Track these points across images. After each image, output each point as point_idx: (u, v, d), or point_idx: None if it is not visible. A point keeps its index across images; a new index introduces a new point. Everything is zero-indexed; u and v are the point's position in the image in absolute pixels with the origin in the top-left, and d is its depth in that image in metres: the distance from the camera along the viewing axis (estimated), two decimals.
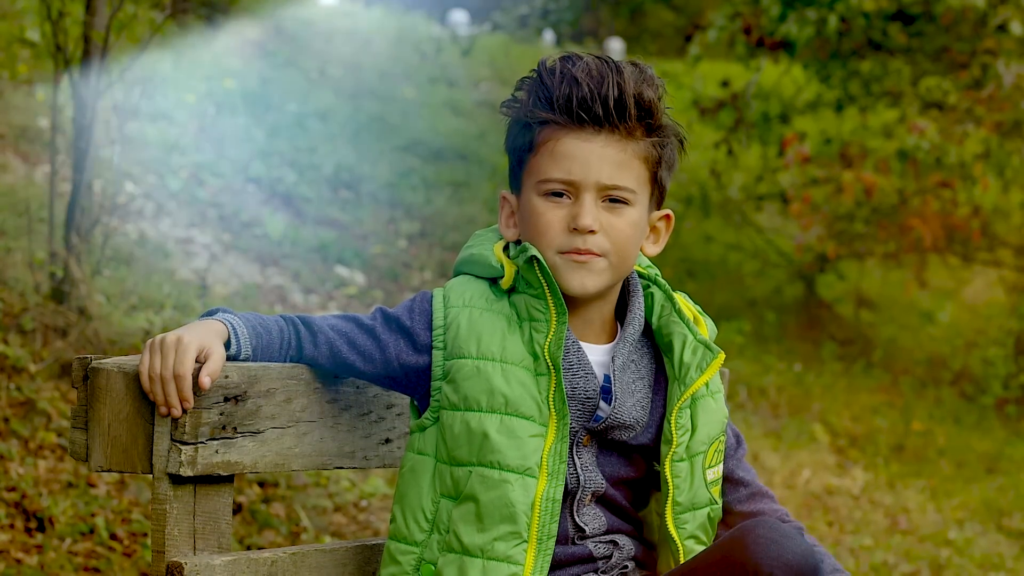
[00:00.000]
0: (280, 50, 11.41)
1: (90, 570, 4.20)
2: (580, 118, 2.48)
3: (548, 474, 2.45)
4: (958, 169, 9.35)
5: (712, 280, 10.56)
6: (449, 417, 2.47)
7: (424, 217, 9.10)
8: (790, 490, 6.81)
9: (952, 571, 6.13)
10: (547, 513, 2.45)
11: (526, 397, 2.45)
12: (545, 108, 2.50)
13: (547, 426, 2.46)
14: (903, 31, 9.65)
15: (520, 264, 2.50)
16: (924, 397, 9.24)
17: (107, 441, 2.36)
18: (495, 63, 13.81)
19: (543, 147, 2.51)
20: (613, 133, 2.49)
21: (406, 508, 2.51)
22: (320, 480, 5.22)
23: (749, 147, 10.03)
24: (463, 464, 2.46)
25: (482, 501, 2.43)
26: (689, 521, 2.56)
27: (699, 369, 2.54)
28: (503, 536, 2.44)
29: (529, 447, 2.44)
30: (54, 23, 5.30)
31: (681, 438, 2.53)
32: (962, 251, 10.25)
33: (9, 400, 4.73)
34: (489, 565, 2.43)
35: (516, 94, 2.57)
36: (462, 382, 2.46)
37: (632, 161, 2.51)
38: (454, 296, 2.52)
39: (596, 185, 2.49)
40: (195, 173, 7.97)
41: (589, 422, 2.51)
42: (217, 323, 2.41)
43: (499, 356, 2.46)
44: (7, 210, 6.24)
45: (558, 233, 2.49)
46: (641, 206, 2.53)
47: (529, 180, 2.53)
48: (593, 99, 2.47)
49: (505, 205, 2.59)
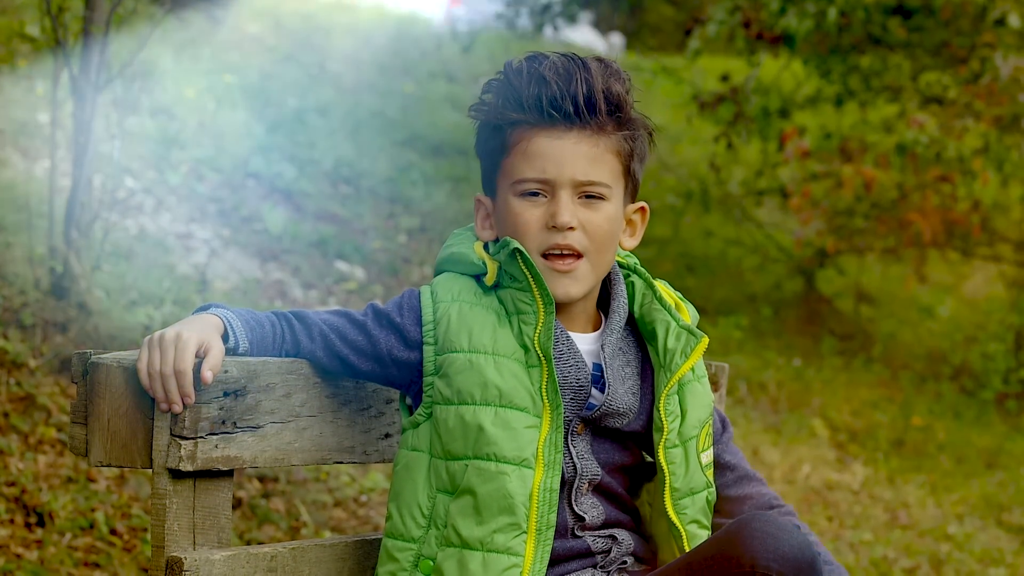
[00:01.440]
0: (280, 45, 11.40)
1: (90, 565, 4.20)
2: (551, 116, 2.50)
3: (544, 464, 2.46)
4: (957, 164, 9.35)
5: (712, 275, 10.55)
6: (443, 412, 2.47)
7: (424, 212, 9.10)
8: (790, 485, 6.82)
9: (952, 566, 6.13)
10: (545, 503, 2.46)
11: (519, 389, 2.46)
12: (515, 108, 2.52)
13: (541, 417, 2.46)
14: (903, 25, 9.65)
15: (503, 259, 2.51)
16: (924, 392, 9.24)
17: (107, 436, 2.36)
18: (495, 58, 13.80)
19: (515, 148, 2.52)
20: (584, 129, 2.51)
21: (402, 505, 2.51)
22: (320, 475, 5.22)
23: (749, 142, 10.02)
24: (459, 458, 2.46)
25: (480, 494, 2.44)
26: (689, 506, 2.57)
27: (684, 354, 2.55)
28: (502, 528, 2.44)
29: (525, 438, 2.45)
30: (54, 18, 5.29)
31: (672, 424, 2.55)
32: (962, 246, 10.25)
33: (9, 395, 4.73)
34: (489, 557, 2.44)
35: (484, 97, 2.58)
36: (455, 376, 2.46)
37: (605, 156, 2.52)
38: (442, 291, 2.53)
39: (571, 182, 2.50)
40: (195, 168, 7.97)
41: (582, 411, 2.52)
42: (213, 317, 2.42)
43: (491, 349, 2.47)
44: (7, 205, 6.24)
45: (537, 232, 2.51)
46: (617, 200, 2.55)
47: (504, 182, 2.54)
48: (563, 97, 2.49)
49: (480, 208, 2.61)
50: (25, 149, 7.16)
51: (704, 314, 9.54)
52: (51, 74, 5.50)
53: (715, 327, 9.21)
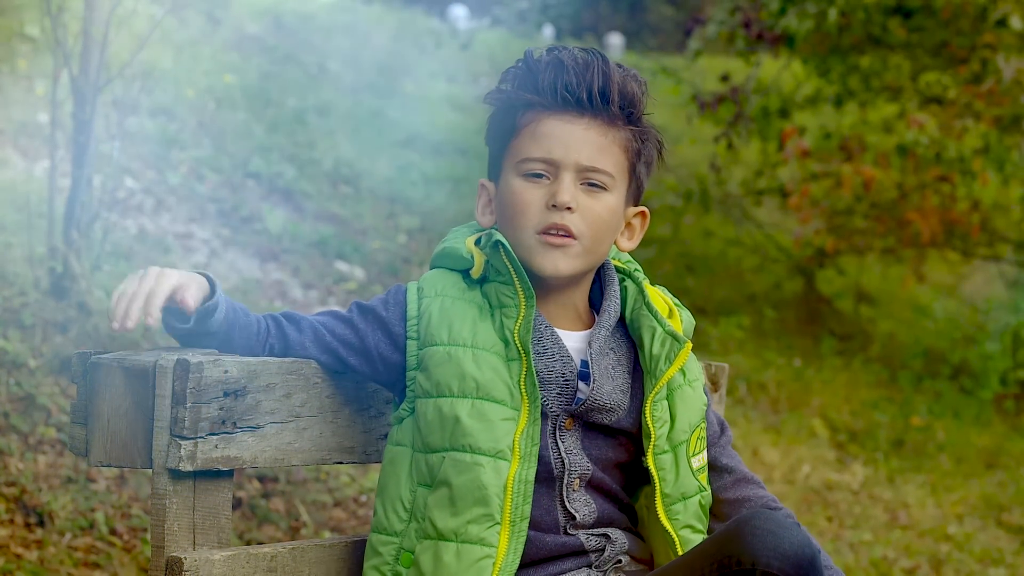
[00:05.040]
0: (280, 45, 11.40)
1: (90, 565, 4.20)
2: (565, 100, 2.51)
3: (520, 456, 2.46)
4: (957, 164, 9.35)
5: (712, 275, 10.55)
6: (423, 405, 2.49)
7: (424, 212, 9.10)
8: (790, 485, 6.82)
9: (952, 566, 6.13)
10: (519, 495, 2.46)
11: (497, 381, 2.46)
12: (530, 91, 2.53)
13: (519, 410, 2.46)
14: (903, 25, 9.65)
15: (487, 251, 2.51)
16: (923, 392, 9.24)
17: (107, 436, 2.36)
18: (495, 58, 13.80)
19: (525, 129, 2.54)
20: (596, 118, 2.52)
21: (386, 500, 2.52)
22: (320, 475, 5.23)
23: (749, 142, 10.02)
24: (437, 450, 2.47)
25: (455, 485, 2.44)
26: (681, 512, 2.56)
27: (668, 360, 2.55)
28: (476, 519, 2.44)
29: (500, 430, 2.45)
30: (54, 18, 5.29)
31: (660, 430, 2.55)
32: (961, 246, 10.26)
33: (9, 395, 4.73)
34: (463, 548, 2.44)
35: (501, 85, 2.60)
36: (434, 368, 2.47)
37: (612, 147, 2.54)
38: (427, 287, 2.55)
39: (576, 165, 2.51)
40: (195, 168, 7.97)
41: (569, 405, 2.52)
42: (201, 277, 2.42)
43: (470, 342, 2.48)
44: (7, 205, 6.24)
45: (537, 212, 2.51)
46: (618, 194, 2.56)
47: (509, 162, 2.55)
48: (579, 84, 2.51)
49: (483, 193, 2.62)
50: (25, 149, 7.16)
51: (704, 314, 9.56)
52: (51, 74, 5.50)
53: (715, 327, 9.22)
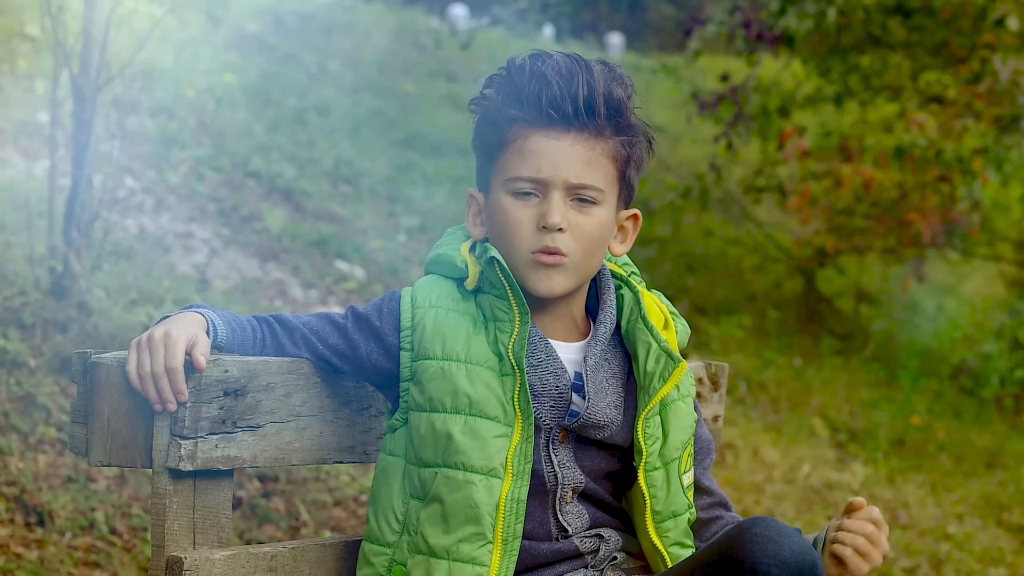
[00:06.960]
0: (280, 44, 11.40)
1: (90, 565, 4.20)
2: (550, 116, 2.48)
3: (513, 474, 2.44)
4: (957, 164, 9.36)
5: (712, 275, 10.55)
6: (416, 418, 2.47)
7: (424, 211, 9.09)
8: (790, 484, 6.82)
9: (952, 566, 6.13)
10: (512, 513, 2.44)
11: (490, 398, 2.44)
12: (515, 106, 2.50)
13: (512, 427, 2.44)
14: (902, 25, 9.65)
15: (482, 265, 2.50)
16: (923, 391, 9.24)
17: (107, 436, 2.36)
18: (495, 57, 13.80)
19: (512, 145, 2.50)
20: (582, 132, 2.49)
21: (378, 509, 2.51)
22: (320, 474, 5.22)
23: (748, 141, 10.02)
24: (429, 465, 2.45)
25: (447, 502, 2.43)
26: (671, 529, 2.55)
27: (662, 379, 2.53)
28: (468, 537, 2.43)
29: (493, 448, 2.43)
30: (54, 17, 5.29)
31: (651, 447, 2.52)
32: (961, 246, 10.26)
33: (9, 395, 4.73)
34: (455, 567, 2.42)
35: (485, 92, 2.56)
36: (427, 383, 2.45)
37: (600, 160, 2.50)
38: (421, 296, 2.51)
39: (564, 184, 2.48)
40: (195, 167, 7.97)
41: (563, 419, 2.49)
42: (196, 315, 2.43)
43: (464, 357, 2.45)
44: (7, 205, 6.24)
45: (528, 232, 2.48)
46: (609, 205, 2.53)
47: (497, 178, 2.53)
48: (563, 97, 2.47)
49: (472, 203, 2.60)
50: (25, 149, 7.16)
51: (704, 313, 9.56)
52: (51, 74, 5.49)
53: (715, 326, 9.22)
